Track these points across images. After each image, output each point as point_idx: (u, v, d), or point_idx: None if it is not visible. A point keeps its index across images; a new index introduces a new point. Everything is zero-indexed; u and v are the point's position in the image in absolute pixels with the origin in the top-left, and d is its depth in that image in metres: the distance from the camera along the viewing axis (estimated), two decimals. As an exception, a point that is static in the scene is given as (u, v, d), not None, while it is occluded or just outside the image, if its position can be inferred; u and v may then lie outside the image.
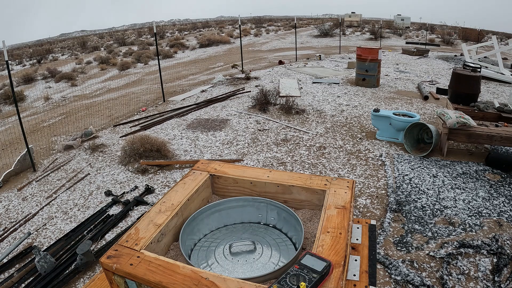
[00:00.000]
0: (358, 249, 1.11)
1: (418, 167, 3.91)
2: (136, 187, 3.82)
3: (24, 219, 3.47)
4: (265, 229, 1.29)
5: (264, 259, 1.12)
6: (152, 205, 3.16)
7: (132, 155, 4.40)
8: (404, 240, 2.69)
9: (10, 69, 5.05)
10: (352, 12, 37.57)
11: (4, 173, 4.46)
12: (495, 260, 2.45)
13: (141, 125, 5.95)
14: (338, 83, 8.26)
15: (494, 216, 2.97)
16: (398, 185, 3.53)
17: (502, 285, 2.21)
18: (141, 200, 3.48)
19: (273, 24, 42.81)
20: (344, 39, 22.18)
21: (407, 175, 3.72)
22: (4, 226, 3.43)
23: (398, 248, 2.61)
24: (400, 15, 36.83)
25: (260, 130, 5.27)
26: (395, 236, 2.75)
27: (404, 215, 3.02)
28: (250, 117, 5.88)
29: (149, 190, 3.68)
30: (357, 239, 1.16)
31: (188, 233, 1.22)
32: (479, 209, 3.07)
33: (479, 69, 5.39)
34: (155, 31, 8.26)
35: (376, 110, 4.67)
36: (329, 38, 23.41)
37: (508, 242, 2.61)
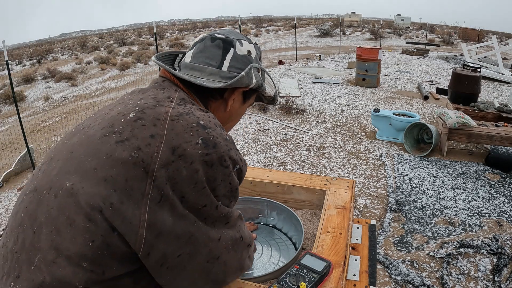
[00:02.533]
0: (358, 249, 1.11)
1: (418, 167, 3.91)
2: (136, 187, 3.82)
3: (24, 219, 3.47)
4: (265, 229, 1.29)
5: (264, 259, 1.12)
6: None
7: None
8: (404, 240, 2.69)
9: (10, 69, 5.05)
10: (352, 12, 37.64)
11: (4, 173, 4.46)
12: (495, 260, 2.45)
13: (141, 125, 5.95)
14: (338, 83, 8.27)
15: (494, 216, 2.98)
16: (398, 185, 3.53)
17: (502, 285, 2.22)
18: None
19: (273, 24, 42.83)
20: (344, 39, 22.20)
21: (407, 175, 3.72)
22: (4, 226, 3.43)
23: (398, 248, 2.61)
24: (400, 15, 36.91)
25: (260, 130, 5.28)
26: (395, 236, 2.75)
27: (404, 215, 3.02)
28: (250, 117, 5.89)
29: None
30: (357, 239, 1.16)
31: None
32: (479, 209, 3.07)
33: (479, 69, 5.39)
34: (155, 31, 8.27)
35: (376, 110, 4.67)
36: (329, 38, 23.43)
37: (508, 242, 2.62)
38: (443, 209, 3.09)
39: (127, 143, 0.62)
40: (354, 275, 0.98)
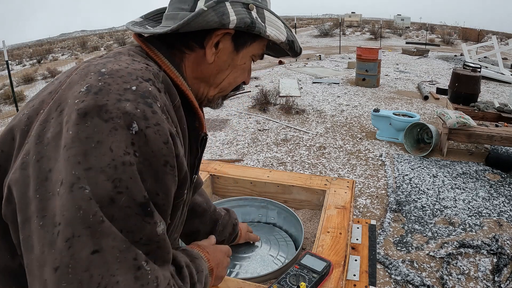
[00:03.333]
0: (358, 249, 1.11)
1: (418, 167, 3.91)
2: (136, 187, 3.82)
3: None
4: (265, 227, 1.29)
5: (263, 251, 1.12)
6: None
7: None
8: (404, 240, 2.69)
9: (10, 69, 5.06)
10: (352, 12, 37.65)
11: (4, 173, 4.46)
12: (495, 260, 2.45)
13: (141, 125, 5.94)
14: (338, 83, 8.27)
15: (494, 216, 2.98)
16: (398, 185, 3.53)
17: (502, 285, 2.22)
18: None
19: (273, 24, 42.75)
20: (344, 39, 22.19)
21: (407, 175, 3.72)
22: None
23: (398, 248, 2.61)
24: (400, 15, 36.90)
25: (260, 130, 5.28)
26: (395, 236, 2.75)
27: (404, 215, 3.02)
28: (250, 117, 5.89)
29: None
30: (357, 239, 1.16)
31: (188, 233, 1.22)
32: (479, 209, 3.07)
33: (479, 69, 5.39)
34: (155, 31, 8.26)
35: (376, 110, 4.67)
36: (329, 38, 23.42)
37: (508, 242, 2.62)
38: (443, 209, 3.09)
39: (30, 104, 0.56)
40: (354, 275, 0.99)
